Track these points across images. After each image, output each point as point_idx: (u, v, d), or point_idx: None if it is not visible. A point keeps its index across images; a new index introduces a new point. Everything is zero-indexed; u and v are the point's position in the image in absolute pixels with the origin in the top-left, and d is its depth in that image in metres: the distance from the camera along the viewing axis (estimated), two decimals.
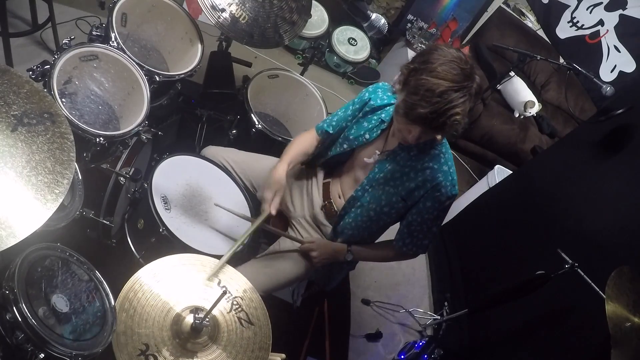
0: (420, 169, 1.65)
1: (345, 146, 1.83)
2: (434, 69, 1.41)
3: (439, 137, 1.58)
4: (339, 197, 1.89)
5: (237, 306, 1.46)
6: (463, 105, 1.42)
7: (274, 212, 1.72)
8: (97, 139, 1.76)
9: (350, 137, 1.81)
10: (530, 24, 4.58)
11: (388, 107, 1.73)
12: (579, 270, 1.99)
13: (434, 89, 1.39)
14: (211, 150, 2.08)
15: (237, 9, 2.13)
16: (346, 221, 1.83)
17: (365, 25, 1.82)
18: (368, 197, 1.76)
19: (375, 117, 1.76)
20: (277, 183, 1.75)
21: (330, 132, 1.88)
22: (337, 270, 2.02)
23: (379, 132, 1.74)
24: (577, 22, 2.89)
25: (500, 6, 4.17)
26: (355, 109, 1.82)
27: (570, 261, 2.02)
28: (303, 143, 1.91)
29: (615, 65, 2.63)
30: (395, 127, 1.62)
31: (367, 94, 1.79)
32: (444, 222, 3.30)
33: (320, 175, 1.97)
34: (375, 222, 1.79)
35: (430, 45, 1.52)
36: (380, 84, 1.80)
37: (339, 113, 1.89)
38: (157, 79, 2.06)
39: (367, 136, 1.77)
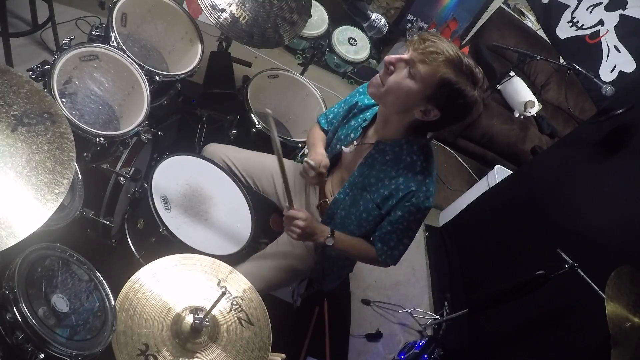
0: (394, 177, 1.62)
1: (338, 147, 1.84)
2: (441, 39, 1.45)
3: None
4: (331, 196, 1.89)
5: (236, 306, 1.46)
6: (445, 62, 1.41)
7: (323, 169, 1.72)
8: (97, 139, 1.76)
9: (341, 137, 1.83)
10: (530, 24, 4.59)
11: (374, 107, 1.74)
12: (579, 270, 1.99)
13: (437, 46, 1.41)
14: (212, 148, 2.09)
15: (237, 9, 2.13)
16: (331, 224, 1.82)
17: (365, 25, 1.82)
18: (349, 201, 1.75)
19: (361, 117, 1.77)
20: (321, 154, 1.78)
21: (325, 128, 1.92)
22: (329, 267, 2.01)
23: (360, 130, 1.75)
24: (577, 22, 2.89)
25: (500, 6, 4.17)
26: (345, 109, 1.84)
27: (570, 261, 2.02)
28: (318, 133, 1.95)
29: (615, 65, 2.64)
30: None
31: (357, 95, 1.81)
32: (444, 222, 3.38)
33: None
34: (357, 227, 1.76)
35: None
36: None
37: (334, 109, 1.92)
38: (157, 79, 2.06)
39: (352, 135, 1.78)
